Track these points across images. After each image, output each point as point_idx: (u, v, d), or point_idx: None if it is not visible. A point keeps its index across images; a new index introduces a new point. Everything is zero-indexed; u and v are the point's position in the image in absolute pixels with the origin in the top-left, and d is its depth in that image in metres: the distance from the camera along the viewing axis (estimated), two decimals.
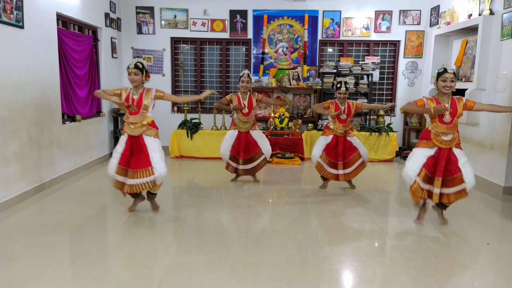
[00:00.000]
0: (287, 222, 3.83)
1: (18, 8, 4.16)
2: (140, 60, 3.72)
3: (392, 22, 7.15)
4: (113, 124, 6.76)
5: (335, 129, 4.65)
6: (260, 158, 4.99)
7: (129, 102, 3.70)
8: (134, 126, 3.71)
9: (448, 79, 3.41)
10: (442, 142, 3.54)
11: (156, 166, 3.66)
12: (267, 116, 7.19)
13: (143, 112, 3.75)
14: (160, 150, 3.80)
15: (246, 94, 4.91)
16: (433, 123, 3.57)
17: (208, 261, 2.96)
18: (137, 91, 3.73)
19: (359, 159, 4.67)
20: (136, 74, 3.66)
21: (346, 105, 4.63)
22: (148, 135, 3.76)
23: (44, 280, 2.64)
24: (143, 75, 3.70)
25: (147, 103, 3.74)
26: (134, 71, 3.64)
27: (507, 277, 2.80)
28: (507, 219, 4.02)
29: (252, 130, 4.99)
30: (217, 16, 7.18)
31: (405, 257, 3.12)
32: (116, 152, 3.74)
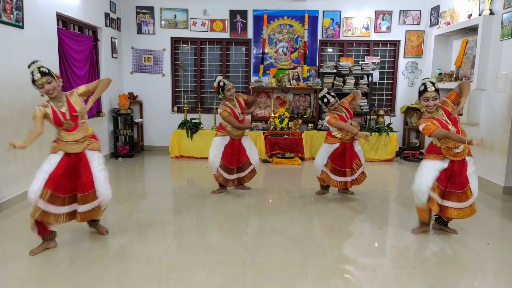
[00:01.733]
0: (287, 222, 3.83)
1: (18, 8, 4.16)
2: (39, 64, 2.91)
3: (392, 22, 7.15)
4: (113, 124, 6.76)
5: (343, 137, 4.39)
6: (249, 168, 4.70)
7: (60, 119, 2.95)
8: (75, 143, 3.04)
9: (430, 98, 3.16)
10: (455, 155, 3.27)
11: (100, 189, 3.08)
12: (267, 116, 7.19)
13: (82, 123, 3.09)
14: (103, 168, 3.17)
15: (233, 101, 4.53)
16: (441, 140, 3.25)
17: (208, 261, 2.96)
18: (60, 103, 2.98)
19: (361, 167, 4.48)
20: (48, 82, 2.88)
21: (344, 109, 4.42)
22: (92, 150, 3.12)
23: (44, 280, 2.65)
24: (54, 77, 2.95)
25: (81, 108, 3.05)
26: (45, 79, 2.86)
27: (507, 277, 2.80)
28: (507, 219, 4.02)
29: (245, 137, 4.68)
30: (217, 16, 7.18)
31: (405, 257, 3.12)
32: (42, 171, 2.95)
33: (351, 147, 4.44)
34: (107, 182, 3.15)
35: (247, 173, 4.73)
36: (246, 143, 4.68)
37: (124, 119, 7.01)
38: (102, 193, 3.09)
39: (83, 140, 3.06)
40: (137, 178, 5.91)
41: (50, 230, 3.06)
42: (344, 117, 4.35)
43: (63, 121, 2.96)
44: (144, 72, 7.33)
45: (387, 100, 7.51)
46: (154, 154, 7.23)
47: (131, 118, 6.92)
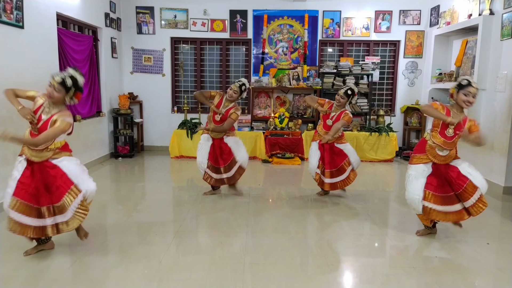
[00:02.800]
0: (287, 222, 3.83)
1: (18, 8, 4.16)
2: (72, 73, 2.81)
3: (392, 22, 7.14)
4: (113, 124, 6.76)
5: (319, 134, 4.41)
6: (236, 166, 4.46)
7: (35, 118, 2.80)
8: (35, 152, 2.82)
9: (471, 94, 3.09)
10: (436, 156, 3.25)
11: (80, 182, 2.87)
12: (267, 116, 7.19)
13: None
14: (78, 164, 2.97)
15: (229, 103, 4.40)
16: (433, 132, 3.25)
17: (208, 261, 2.96)
18: (49, 109, 2.83)
19: (349, 167, 4.38)
20: (57, 91, 2.76)
21: (338, 113, 4.32)
22: (55, 159, 2.87)
23: (44, 280, 2.65)
24: (70, 94, 2.81)
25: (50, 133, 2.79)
26: (57, 86, 2.75)
27: (507, 277, 2.80)
28: (507, 219, 4.02)
29: (227, 137, 4.46)
30: (217, 16, 7.18)
31: (405, 257, 3.12)
32: (12, 179, 2.82)
33: (331, 147, 4.37)
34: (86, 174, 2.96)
35: (234, 172, 4.47)
36: (231, 142, 4.46)
37: (124, 119, 7.01)
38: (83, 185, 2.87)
39: (44, 150, 2.82)
40: (137, 178, 5.91)
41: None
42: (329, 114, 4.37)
43: (34, 122, 2.81)
44: (144, 72, 7.33)
45: (387, 100, 7.51)
46: (154, 154, 7.22)
47: (131, 118, 6.92)
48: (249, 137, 6.78)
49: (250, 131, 6.95)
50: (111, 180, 5.64)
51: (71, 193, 2.84)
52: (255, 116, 7.26)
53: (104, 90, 6.56)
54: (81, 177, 2.91)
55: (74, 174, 2.87)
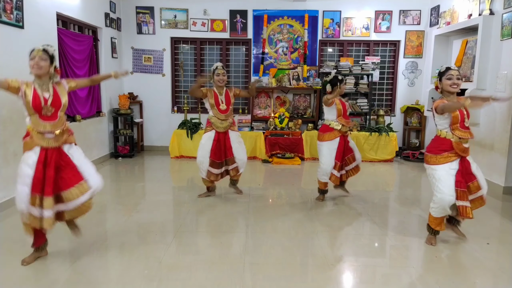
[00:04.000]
0: (287, 222, 3.83)
1: (18, 8, 4.17)
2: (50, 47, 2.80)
3: (392, 22, 7.14)
4: (113, 124, 6.76)
5: (342, 128, 4.24)
6: (233, 165, 4.41)
7: (40, 102, 2.71)
8: (54, 136, 2.76)
9: (454, 76, 3.10)
10: (464, 150, 3.15)
11: (91, 179, 2.85)
12: (267, 116, 7.19)
13: (61, 115, 2.83)
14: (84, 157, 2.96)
15: (222, 89, 4.36)
16: (455, 130, 3.12)
17: (208, 261, 2.96)
18: (45, 86, 2.77)
19: (353, 162, 4.40)
20: (42, 59, 2.70)
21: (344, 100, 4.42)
22: (70, 143, 2.88)
23: (44, 280, 2.65)
24: (52, 65, 2.78)
25: (66, 101, 2.84)
26: (41, 54, 2.70)
27: (507, 277, 2.80)
28: (507, 219, 4.02)
29: (231, 131, 4.41)
30: (217, 16, 7.18)
31: (405, 257, 3.12)
32: (25, 176, 2.70)
33: (346, 140, 4.35)
34: (95, 171, 2.93)
35: (235, 167, 4.44)
36: (233, 138, 4.40)
37: (124, 119, 7.01)
38: (93, 182, 2.85)
39: (61, 133, 2.79)
40: (137, 178, 5.91)
41: (45, 239, 2.94)
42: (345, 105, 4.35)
43: (42, 106, 2.70)
44: (144, 72, 7.33)
45: (387, 100, 7.51)
46: (154, 154, 7.23)
47: (131, 118, 6.92)
48: (249, 137, 6.78)
49: (250, 131, 6.95)
50: (111, 180, 5.64)
51: (79, 188, 2.79)
52: (255, 116, 7.26)
53: (104, 90, 6.56)
54: (91, 174, 2.87)
55: (84, 168, 2.84)
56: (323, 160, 4.28)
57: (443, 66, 3.27)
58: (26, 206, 2.69)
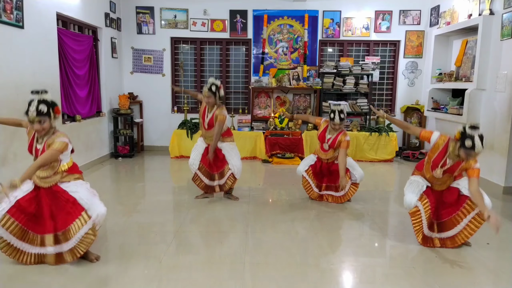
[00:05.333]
0: (287, 222, 3.83)
1: (18, 8, 4.17)
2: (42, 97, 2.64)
3: (392, 22, 7.14)
4: (113, 124, 6.76)
5: (318, 153, 4.40)
6: (228, 173, 4.28)
7: (32, 150, 2.75)
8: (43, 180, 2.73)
9: (472, 157, 2.92)
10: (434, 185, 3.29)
11: (91, 207, 2.72)
12: (267, 116, 7.19)
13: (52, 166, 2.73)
14: (87, 189, 2.84)
15: (211, 108, 4.19)
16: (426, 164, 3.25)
17: (208, 261, 2.96)
18: (40, 139, 2.72)
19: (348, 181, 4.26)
20: (40, 122, 2.61)
21: (334, 136, 4.17)
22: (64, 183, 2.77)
23: (44, 280, 2.65)
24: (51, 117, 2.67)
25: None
26: (38, 119, 2.60)
27: (507, 277, 2.80)
28: (507, 219, 4.02)
29: (221, 142, 4.27)
30: (217, 16, 7.18)
31: (405, 257, 3.12)
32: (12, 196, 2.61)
33: (329, 165, 4.32)
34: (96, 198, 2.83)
35: (226, 179, 4.30)
36: (225, 148, 4.28)
37: (124, 119, 7.01)
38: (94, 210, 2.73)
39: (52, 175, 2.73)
40: (137, 178, 5.91)
41: None
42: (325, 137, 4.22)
43: (33, 155, 2.74)
44: (144, 72, 7.33)
45: (387, 100, 7.51)
46: (154, 154, 7.22)
47: (131, 118, 6.92)
48: (249, 137, 6.78)
49: (250, 131, 6.95)
50: (111, 180, 5.64)
51: (81, 220, 2.71)
52: (255, 116, 7.26)
53: (104, 90, 6.56)
54: (92, 202, 2.76)
55: (84, 200, 2.73)
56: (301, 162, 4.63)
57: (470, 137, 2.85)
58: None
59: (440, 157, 3.10)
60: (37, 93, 2.66)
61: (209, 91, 4.11)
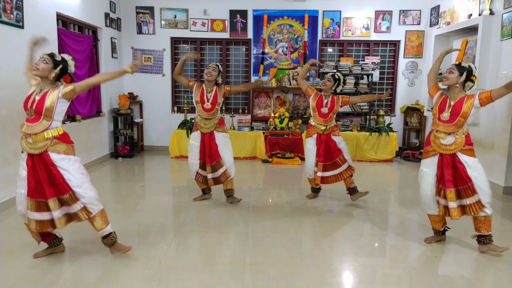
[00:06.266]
0: (287, 222, 3.83)
1: (18, 8, 4.17)
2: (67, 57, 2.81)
3: (392, 22, 7.14)
4: (113, 124, 6.76)
5: (316, 125, 4.24)
6: (222, 168, 4.16)
7: (27, 102, 2.69)
8: (33, 140, 2.64)
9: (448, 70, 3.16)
10: (440, 146, 3.05)
11: (78, 190, 2.71)
12: (267, 116, 7.19)
13: (45, 120, 2.66)
14: (77, 170, 2.77)
15: (212, 87, 4.08)
16: (433, 119, 3.15)
17: (208, 261, 2.96)
18: (42, 90, 2.72)
19: (345, 163, 4.24)
20: (43, 62, 2.68)
21: (329, 99, 4.23)
22: (54, 152, 2.69)
23: (44, 280, 2.65)
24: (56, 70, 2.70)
25: (50, 105, 2.65)
26: (45, 57, 2.70)
27: (507, 277, 2.80)
28: (507, 219, 4.02)
29: (217, 132, 4.16)
30: (217, 16, 7.18)
31: (405, 257, 3.12)
32: (20, 179, 2.72)
33: (327, 140, 4.22)
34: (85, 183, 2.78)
35: (220, 175, 4.19)
36: (219, 140, 4.17)
37: (124, 119, 7.01)
38: (82, 195, 2.72)
39: (40, 138, 2.64)
40: (137, 178, 5.92)
41: (53, 235, 2.94)
42: (322, 102, 4.22)
43: (28, 107, 2.67)
44: (144, 72, 7.33)
45: (387, 100, 7.50)
46: (154, 154, 7.23)
47: (131, 118, 6.92)
48: (249, 137, 6.78)
49: (250, 131, 6.95)
50: (111, 180, 5.64)
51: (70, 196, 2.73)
52: (255, 116, 7.26)
53: (104, 90, 6.56)
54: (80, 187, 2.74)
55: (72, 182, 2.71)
56: (306, 157, 4.50)
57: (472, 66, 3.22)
58: (24, 208, 2.71)
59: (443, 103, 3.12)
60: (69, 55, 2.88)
61: (216, 65, 4.10)
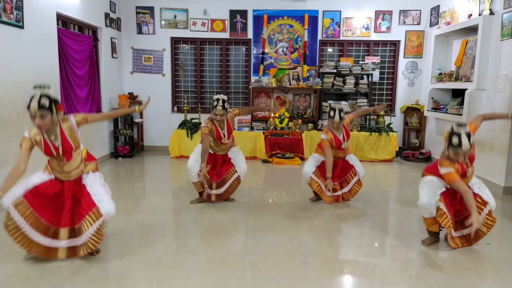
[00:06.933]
0: (287, 222, 3.83)
1: (18, 8, 4.17)
2: (44, 92, 2.58)
3: (392, 22, 7.15)
4: (113, 124, 6.76)
5: (335, 154, 4.23)
6: (233, 177, 4.22)
7: (51, 151, 2.68)
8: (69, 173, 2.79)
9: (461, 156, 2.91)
10: None
11: (102, 205, 2.76)
12: (267, 116, 7.19)
13: (75, 153, 2.78)
14: (102, 183, 2.93)
15: (222, 122, 4.08)
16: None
17: (208, 261, 2.96)
18: (53, 135, 2.68)
19: (354, 177, 4.32)
20: (42, 116, 2.55)
21: (343, 130, 4.17)
22: (87, 173, 2.87)
23: (44, 280, 2.64)
24: (53, 112, 2.61)
25: (76, 140, 2.75)
26: (39, 113, 2.54)
27: (507, 277, 2.80)
28: (507, 219, 4.02)
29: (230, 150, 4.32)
30: (217, 16, 7.19)
31: (405, 257, 3.12)
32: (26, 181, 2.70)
33: (343, 161, 4.33)
34: (109, 197, 2.87)
35: (231, 183, 4.23)
36: (232, 153, 4.29)
37: (124, 119, 7.01)
38: (105, 208, 2.76)
39: (77, 167, 2.79)
40: (137, 178, 5.92)
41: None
42: (340, 140, 4.16)
43: (55, 155, 2.69)
44: (144, 72, 7.33)
45: (387, 100, 7.51)
46: (154, 154, 7.23)
47: (131, 118, 6.92)
48: (249, 137, 6.78)
49: (250, 131, 6.95)
50: (111, 180, 5.64)
51: (92, 216, 2.74)
52: (255, 116, 7.26)
53: (104, 90, 6.56)
54: (104, 199, 2.79)
55: (98, 197, 2.76)
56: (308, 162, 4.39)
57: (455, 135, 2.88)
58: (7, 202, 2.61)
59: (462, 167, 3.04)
60: (39, 87, 2.62)
61: (223, 108, 3.97)
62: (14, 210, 2.63)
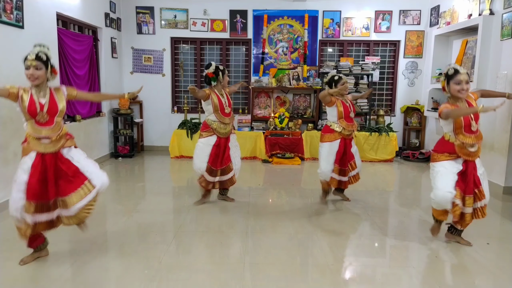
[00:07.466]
0: (287, 222, 3.82)
1: (18, 8, 4.17)
2: (43, 49, 2.70)
3: (392, 22, 7.14)
4: (113, 124, 6.76)
5: (343, 131, 4.08)
6: (230, 173, 4.21)
7: (36, 108, 2.67)
8: (50, 141, 2.73)
9: (463, 81, 2.96)
10: (469, 154, 3.03)
11: (94, 176, 2.82)
12: (267, 116, 7.18)
13: (58, 120, 2.78)
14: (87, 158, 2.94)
15: (223, 90, 4.20)
16: (459, 135, 3.02)
17: (208, 261, 2.97)
18: (42, 92, 2.73)
19: (355, 168, 4.25)
20: (37, 68, 2.65)
21: (349, 102, 4.18)
22: (68, 147, 2.84)
23: (44, 280, 2.65)
24: (48, 70, 2.70)
25: (63, 107, 2.78)
26: (35, 64, 2.64)
27: (507, 277, 2.80)
28: (507, 219, 4.02)
29: (232, 134, 4.26)
30: (217, 16, 7.18)
31: (405, 257, 3.12)
32: (20, 183, 2.69)
33: (349, 143, 4.20)
34: (98, 168, 2.91)
35: (229, 178, 4.23)
36: (232, 144, 4.23)
37: (124, 119, 7.01)
38: (98, 179, 2.83)
39: (57, 138, 2.75)
40: (137, 178, 5.91)
41: (43, 239, 2.92)
42: (348, 107, 4.11)
43: (38, 112, 2.67)
44: (144, 72, 7.33)
45: (387, 100, 7.51)
46: (154, 154, 7.22)
47: (131, 118, 6.92)
48: (249, 137, 6.78)
49: (250, 131, 6.95)
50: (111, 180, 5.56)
51: (84, 189, 2.77)
52: (255, 116, 7.26)
53: (104, 90, 6.55)
54: (94, 170, 2.85)
55: (87, 169, 2.82)
56: (321, 163, 4.17)
57: (450, 68, 3.05)
58: (19, 213, 2.66)
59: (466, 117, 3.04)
60: (40, 45, 2.71)
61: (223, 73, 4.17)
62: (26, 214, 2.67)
